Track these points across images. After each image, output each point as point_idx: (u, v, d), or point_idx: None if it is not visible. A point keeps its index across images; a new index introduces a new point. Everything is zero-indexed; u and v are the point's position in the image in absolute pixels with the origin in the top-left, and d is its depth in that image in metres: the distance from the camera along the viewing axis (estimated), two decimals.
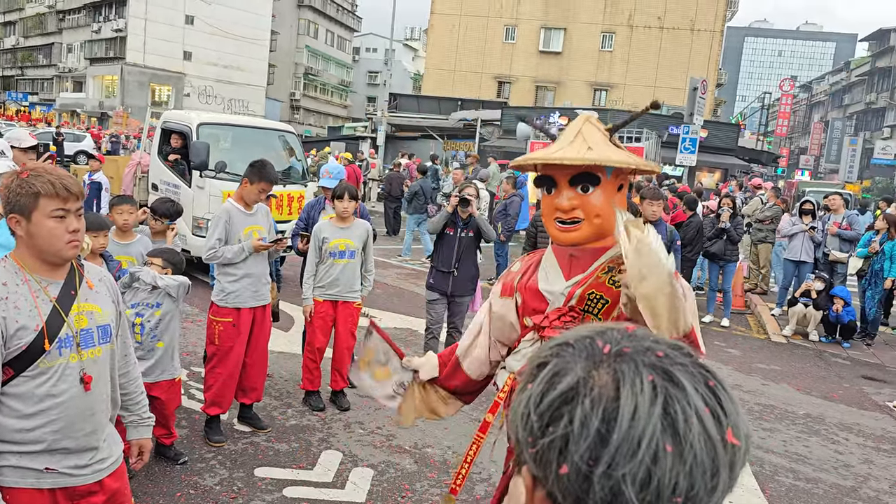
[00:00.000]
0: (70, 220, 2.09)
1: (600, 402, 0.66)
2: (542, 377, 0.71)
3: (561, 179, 2.18)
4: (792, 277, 10.15)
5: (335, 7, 60.95)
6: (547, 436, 0.68)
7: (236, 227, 4.68)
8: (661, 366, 0.69)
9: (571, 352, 0.73)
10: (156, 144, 9.96)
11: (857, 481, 5.03)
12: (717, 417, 0.67)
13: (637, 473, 0.63)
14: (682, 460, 0.64)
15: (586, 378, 0.68)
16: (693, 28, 36.01)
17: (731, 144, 29.21)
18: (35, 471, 2.13)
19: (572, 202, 2.16)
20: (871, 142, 51.05)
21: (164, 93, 46.48)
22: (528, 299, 2.33)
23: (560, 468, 0.66)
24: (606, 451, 0.64)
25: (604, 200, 2.16)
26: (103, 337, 2.25)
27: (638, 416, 0.65)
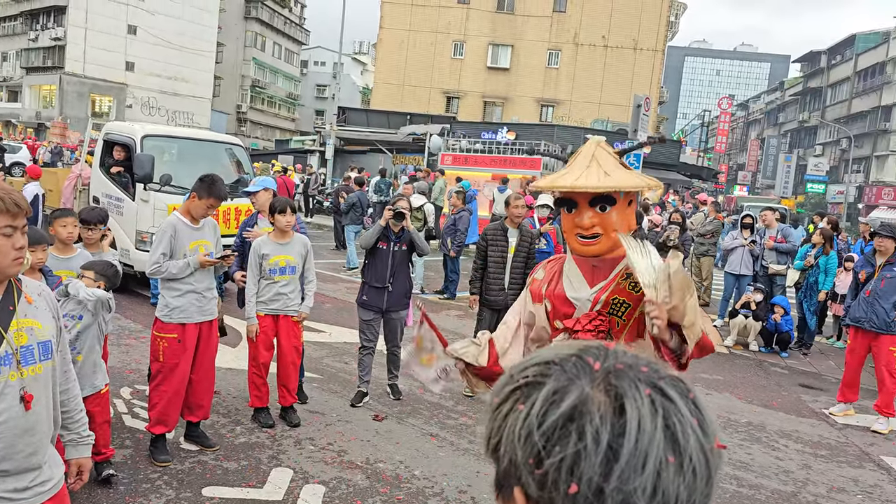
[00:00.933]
0: (16, 236, 2.06)
1: (608, 418, 0.67)
2: (540, 397, 0.71)
3: (581, 201, 2.48)
4: (732, 290, 10.46)
5: (283, 20, 60.51)
6: (554, 455, 0.67)
7: (182, 241, 4.59)
8: (651, 380, 0.71)
9: (562, 370, 0.73)
10: (98, 156, 9.70)
11: (797, 486, 5.19)
12: (703, 428, 0.70)
13: (646, 486, 0.65)
14: (682, 471, 0.67)
15: (589, 396, 0.69)
16: (636, 47, 36.98)
17: (673, 160, 30.03)
18: None
19: (592, 220, 2.47)
20: (805, 159, 53.16)
21: (105, 104, 45.26)
22: (558, 305, 2.62)
23: (569, 487, 0.66)
24: (618, 466, 0.65)
25: (618, 216, 2.49)
26: (44, 353, 2.18)
27: (643, 430, 0.66)
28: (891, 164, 43.29)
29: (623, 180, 2.41)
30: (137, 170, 8.60)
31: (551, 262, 2.77)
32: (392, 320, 6.07)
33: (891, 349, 6.65)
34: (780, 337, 9.38)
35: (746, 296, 9.69)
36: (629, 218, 2.57)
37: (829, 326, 11.09)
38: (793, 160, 52.41)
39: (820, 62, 57.45)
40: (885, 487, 5.34)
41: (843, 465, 5.73)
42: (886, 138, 43.86)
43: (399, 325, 6.13)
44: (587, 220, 2.47)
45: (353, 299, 10.46)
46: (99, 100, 45.16)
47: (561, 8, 37.49)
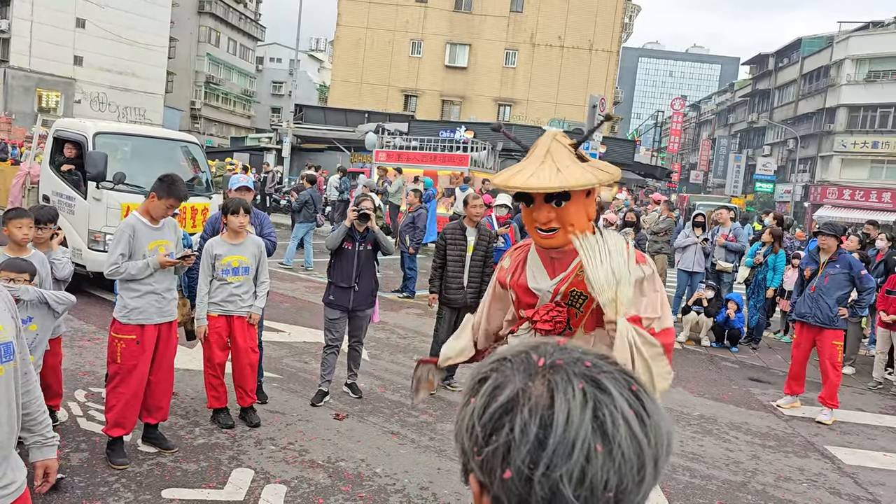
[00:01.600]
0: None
1: (537, 410, 0.73)
2: (484, 391, 0.78)
3: (537, 197, 2.51)
4: (685, 287, 10.73)
5: (237, 15, 59.58)
6: (490, 444, 0.74)
7: (141, 241, 4.53)
8: (590, 374, 0.76)
9: (509, 366, 0.79)
10: (47, 154, 9.45)
11: (747, 476, 5.38)
12: (640, 418, 0.75)
13: (573, 473, 0.70)
14: (612, 458, 0.71)
15: (524, 389, 0.75)
16: (591, 48, 37.49)
17: (628, 160, 30.53)
18: None
19: (549, 216, 2.51)
20: (754, 159, 54.57)
21: (52, 98, 43.92)
22: (521, 295, 2.70)
23: (504, 473, 0.72)
24: (545, 455, 0.70)
25: (575, 210, 2.51)
26: (6, 355, 2.14)
27: (571, 421, 0.71)
28: (835, 164, 44.77)
29: (574, 178, 2.40)
30: (90, 168, 8.42)
31: (518, 250, 2.83)
32: (358, 317, 6.11)
33: (834, 343, 6.93)
34: (730, 332, 9.67)
35: (699, 293, 9.96)
36: (588, 209, 2.58)
37: (776, 321, 11.46)
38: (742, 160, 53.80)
39: (768, 65, 59.00)
40: (828, 475, 5.57)
41: (789, 454, 5.95)
42: (831, 139, 45.32)
43: (364, 322, 6.18)
44: (543, 216, 2.51)
45: (312, 299, 10.44)
46: (46, 94, 43.80)
47: (518, 8, 37.78)
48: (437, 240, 6.73)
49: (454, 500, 4.46)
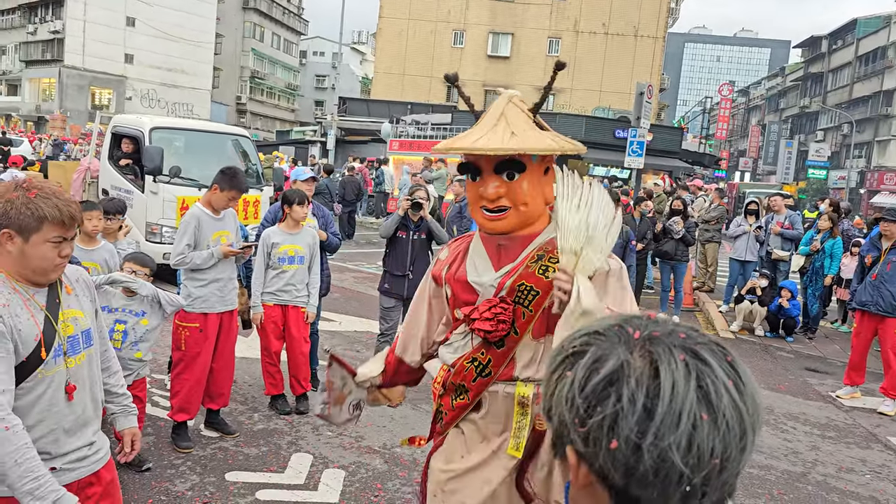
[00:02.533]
0: (64, 246, 2.11)
1: (643, 381, 0.75)
2: (583, 364, 0.80)
3: (486, 167, 2.13)
4: (738, 276, 10.54)
5: (281, 10, 60.27)
6: (595, 415, 0.76)
7: (205, 232, 4.65)
8: (688, 345, 0.79)
9: (604, 339, 0.81)
10: (106, 149, 9.75)
11: (807, 467, 5.29)
12: (738, 388, 0.78)
13: (681, 441, 0.73)
14: (717, 427, 0.75)
15: (627, 361, 0.77)
16: (636, 34, 36.89)
17: (675, 147, 30.00)
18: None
19: (498, 190, 2.11)
20: (806, 144, 53.09)
21: (104, 96, 45.21)
22: (458, 291, 2.28)
23: (610, 443, 0.75)
24: (653, 424, 0.73)
25: (530, 186, 2.13)
26: (86, 341, 2.26)
27: (677, 391, 0.74)
28: (892, 148, 43.28)
29: (531, 142, 2.06)
30: (147, 162, 8.66)
31: (458, 241, 2.45)
32: None
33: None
34: (785, 322, 9.46)
35: (752, 281, 9.76)
36: (545, 189, 2.20)
37: (833, 311, 11.17)
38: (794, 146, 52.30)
39: (821, 47, 57.24)
40: (892, 467, 5.44)
41: (850, 446, 5.82)
42: (888, 123, 43.81)
43: None
44: (492, 191, 2.11)
45: (361, 289, 10.57)
46: (98, 92, 45.11)
47: None
48: None
49: None
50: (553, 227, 2.21)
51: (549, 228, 2.23)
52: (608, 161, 26.26)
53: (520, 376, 2.20)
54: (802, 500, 4.73)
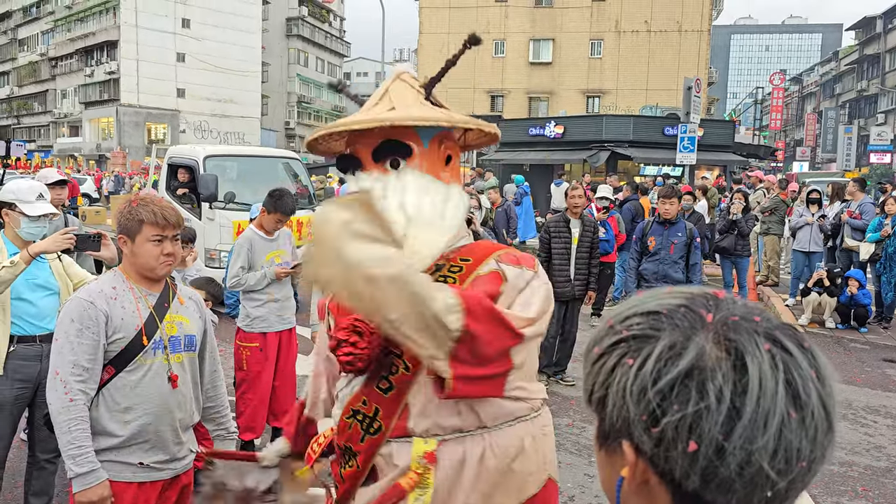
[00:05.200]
0: (165, 244, 2.42)
1: (730, 376, 0.66)
2: (655, 353, 0.69)
3: (364, 156, 1.69)
4: (803, 268, 10.17)
5: (323, 34, 61.50)
6: (672, 414, 0.66)
7: (258, 254, 4.74)
8: (768, 333, 0.69)
9: (672, 322, 0.71)
10: (163, 179, 10.06)
11: (892, 462, 5.03)
12: (821, 379, 0.69)
13: (769, 444, 0.65)
14: (804, 426, 0.66)
15: (708, 351, 0.67)
16: (680, 29, 36.27)
17: (727, 141, 29.30)
18: (131, 465, 2.40)
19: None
20: (866, 129, 51.22)
21: (160, 131, 46.83)
22: (339, 316, 1.76)
23: (689, 446, 0.66)
24: (741, 425, 0.65)
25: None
26: (189, 345, 2.57)
27: (765, 388, 0.65)
28: None
29: (410, 116, 1.63)
30: (203, 189, 8.88)
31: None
32: None
33: None
34: (857, 312, 9.08)
35: (818, 272, 9.41)
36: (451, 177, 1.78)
37: None
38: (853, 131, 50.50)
39: (875, 28, 55.23)
40: None
41: None
42: None
43: None
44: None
45: None
46: (154, 127, 46.74)
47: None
48: (541, 233, 6.69)
49: (578, 492, 4.40)
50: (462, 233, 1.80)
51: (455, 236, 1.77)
52: (659, 160, 25.80)
53: (415, 429, 1.66)
54: (889, 497, 4.49)
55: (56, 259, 3.52)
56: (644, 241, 6.44)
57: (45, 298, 3.44)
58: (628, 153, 25.93)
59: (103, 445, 2.36)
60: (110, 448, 2.37)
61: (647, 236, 6.42)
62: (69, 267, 3.62)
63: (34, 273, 3.37)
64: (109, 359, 2.38)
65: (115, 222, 2.48)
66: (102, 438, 2.36)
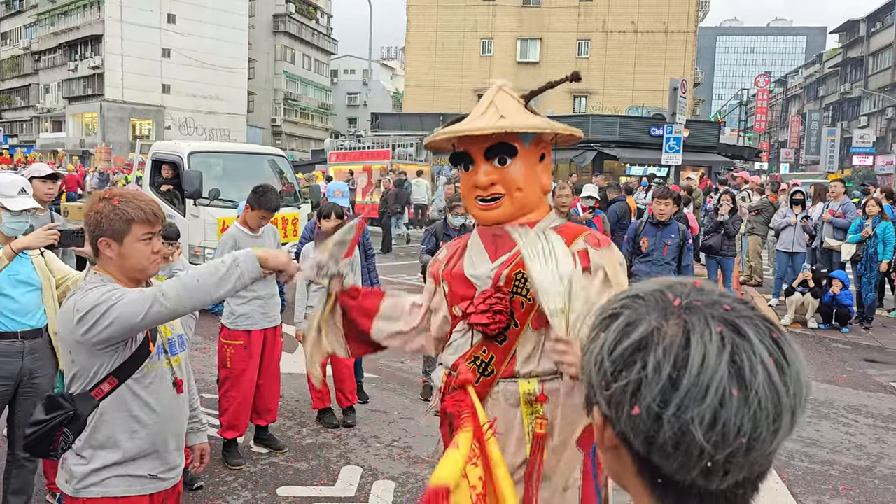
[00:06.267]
0: (155, 241, 2.28)
1: (672, 350, 0.71)
2: (616, 327, 0.77)
3: (476, 154, 2.08)
4: (786, 268, 10.26)
5: (311, 31, 61.20)
6: (620, 380, 0.73)
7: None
8: (729, 318, 0.74)
9: (643, 304, 0.77)
10: (147, 176, 9.97)
11: (872, 461, 5.08)
12: (780, 367, 0.72)
13: (705, 416, 0.69)
14: (748, 405, 0.70)
15: (658, 328, 0.74)
16: (667, 30, 36.45)
17: (712, 142, 29.50)
18: (141, 478, 2.25)
19: (490, 177, 2.06)
20: (849, 131, 51.71)
21: (144, 127, 46.40)
22: (455, 287, 2.20)
23: (632, 409, 0.72)
24: (676, 395, 0.70)
25: (524, 172, 2.08)
26: (182, 345, 2.45)
27: (707, 364, 0.70)
28: None
29: (520, 121, 2.03)
30: (187, 186, 8.81)
31: (456, 240, 2.41)
32: None
33: None
34: (839, 312, 9.16)
35: (804, 273, 9.50)
36: (540, 175, 2.13)
37: (890, 300, 10.80)
38: (837, 133, 51.05)
39: (859, 31, 55.80)
40: None
41: None
42: None
43: None
44: (483, 178, 2.06)
45: None
46: (139, 123, 46.31)
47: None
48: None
49: None
50: (553, 215, 2.20)
51: (548, 217, 2.17)
52: (645, 160, 25.93)
53: (521, 371, 2.11)
54: (870, 495, 4.54)
55: (38, 255, 3.48)
56: (637, 242, 6.39)
57: (27, 294, 3.40)
58: (614, 153, 26.02)
59: (112, 460, 2.20)
60: (119, 462, 2.21)
61: (640, 237, 6.38)
62: (52, 262, 3.58)
63: (16, 269, 3.33)
64: (114, 368, 2.18)
65: (91, 223, 2.21)
66: (111, 452, 2.20)
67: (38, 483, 3.91)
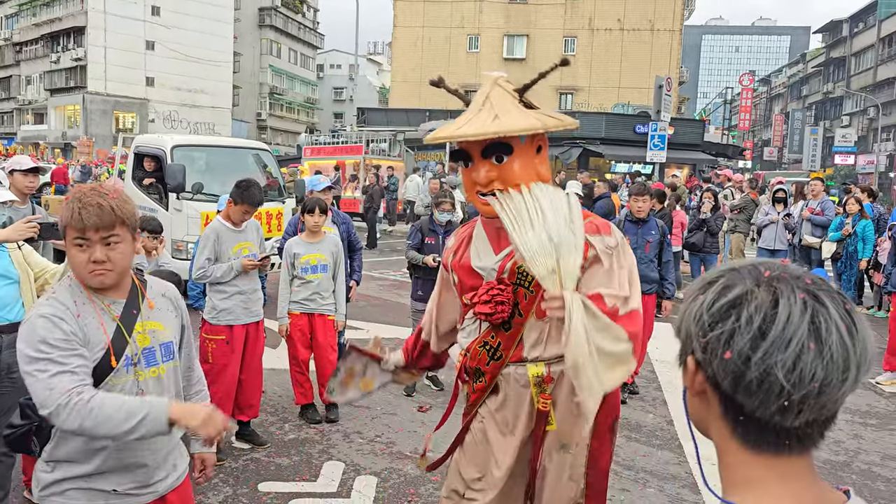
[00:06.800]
0: (93, 249, 2.00)
1: (762, 308, 0.87)
2: (714, 289, 0.93)
3: (474, 152, 2.15)
4: None
5: (297, 25, 60.87)
6: (716, 330, 0.89)
7: (225, 245, 4.67)
8: (810, 289, 0.89)
9: (738, 274, 0.93)
10: (129, 169, 9.87)
11: (849, 456, 5.15)
12: (850, 331, 0.87)
13: (786, 361, 0.85)
14: (822, 357, 0.85)
15: (751, 291, 0.89)
16: (653, 28, 36.61)
17: (697, 140, 29.68)
18: (104, 492, 2.08)
19: (489, 175, 2.13)
20: (832, 130, 52.21)
21: (128, 120, 45.98)
22: (464, 277, 2.33)
23: (724, 353, 0.88)
24: (764, 343, 0.86)
25: (521, 167, 2.14)
26: (166, 355, 2.23)
27: (791, 321, 0.86)
28: None
29: (513, 123, 2.05)
30: (170, 180, 8.74)
31: (464, 227, 2.47)
32: None
33: None
34: None
35: None
36: (538, 167, 2.19)
37: (868, 297, 10.92)
38: (819, 132, 51.50)
39: (842, 31, 56.32)
40: None
41: (894, 433, 5.66)
42: None
43: None
44: (483, 175, 2.13)
45: (386, 296, 10.56)
46: (122, 116, 45.88)
47: None
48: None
49: None
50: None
51: None
52: (630, 157, 26.05)
53: (528, 357, 2.26)
54: None
55: (16, 248, 3.44)
56: None
57: (4, 288, 3.36)
58: (600, 150, 26.09)
59: (74, 473, 2.06)
60: (82, 476, 2.07)
61: None
62: (29, 256, 3.54)
63: None
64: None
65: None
66: (73, 466, 2.07)
67: (16, 479, 3.88)
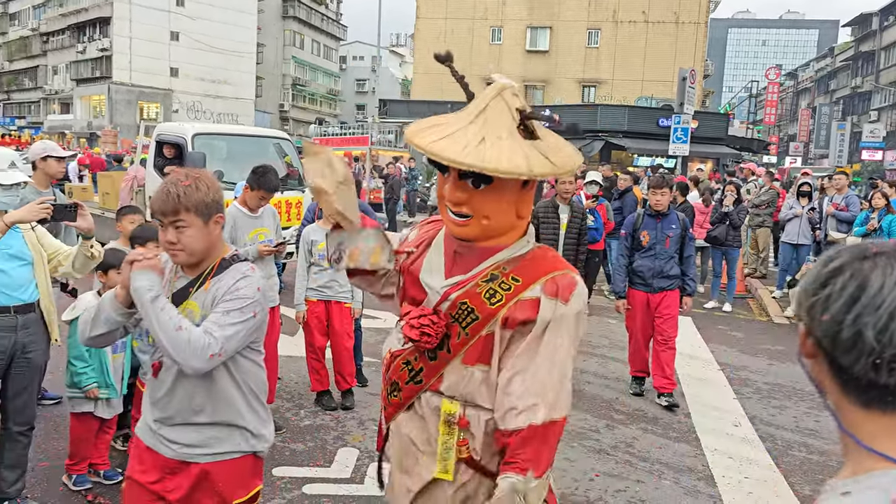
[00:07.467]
0: (167, 231, 2.18)
1: (858, 276, 0.97)
2: (821, 262, 1.04)
3: (451, 167, 1.79)
4: (791, 260, 10.20)
5: (320, 17, 61.02)
6: (818, 295, 1.00)
7: (241, 231, 4.69)
8: None
9: (847, 250, 1.03)
10: (151, 157, 9.95)
11: None
12: None
13: (877, 324, 0.93)
14: None
15: (850, 262, 0.99)
16: (678, 21, 36.19)
17: (721, 134, 29.36)
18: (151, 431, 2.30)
19: (458, 196, 1.83)
20: (859, 126, 51.36)
21: (152, 110, 46.41)
22: (409, 284, 2.08)
23: (822, 316, 0.98)
24: (856, 307, 0.95)
25: (496, 200, 1.83)
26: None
27: (883, 289, 0.94)
28: None
29: (493, 159, 1.69)
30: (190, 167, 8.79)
31: (430, 225, 2.18)
32: None
33: None
34: None
35: (807, 266, 9.44)
36: (519, 203, 1.89)
37: None
38: (846, 128, 50.67)
39: (871, 25, 55.31)
40: None
41: None
42: None
43: None
44: (453, 195, 1.84)
45: None
46: (146, 106, 46.32)
47: None
48: (531, 220, 6.67)
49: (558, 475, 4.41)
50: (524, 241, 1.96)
51: (517, 244, 1.94)
52: (653, 151, 25.82)
53: (446, 392, 1.99)
54: None
55: (30, 229, 3.47)
56: (636, 237, 6.02)
57: (18, 268, 3.39)
58: (622, 143, 25.88)
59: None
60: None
61: (640, 231, 6.01)
62: (43, 237, 3.57)
63: (8, 243, 3.32)
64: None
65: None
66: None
67: (34, 458, 3.93)
